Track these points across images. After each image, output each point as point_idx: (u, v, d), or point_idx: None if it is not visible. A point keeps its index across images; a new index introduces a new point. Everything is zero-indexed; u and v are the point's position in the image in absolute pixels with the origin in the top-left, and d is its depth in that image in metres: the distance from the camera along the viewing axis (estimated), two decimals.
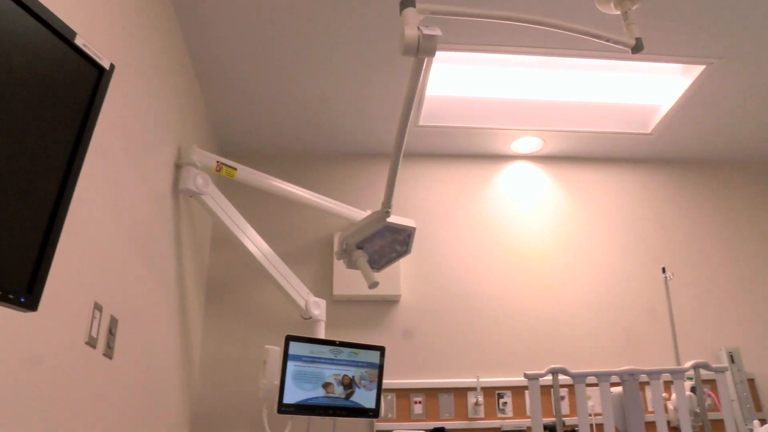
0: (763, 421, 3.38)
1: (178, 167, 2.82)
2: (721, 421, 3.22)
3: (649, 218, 3.92)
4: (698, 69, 3.22)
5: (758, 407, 3.52)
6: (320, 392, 2.88)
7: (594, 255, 3.78)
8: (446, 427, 3.23)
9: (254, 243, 3.01)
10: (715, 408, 3.42)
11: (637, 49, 2.50)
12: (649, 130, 3.72)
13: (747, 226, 3.98)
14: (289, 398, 2.79)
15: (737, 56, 3.12)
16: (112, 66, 1.26)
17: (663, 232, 3.89)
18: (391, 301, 3.54)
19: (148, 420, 2.41)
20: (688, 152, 4.02)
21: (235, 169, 3.02)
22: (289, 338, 2.84)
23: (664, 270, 3.63)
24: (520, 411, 3.37)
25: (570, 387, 3.39)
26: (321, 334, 3.11)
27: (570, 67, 3.28)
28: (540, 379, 3.00)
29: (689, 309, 3.73)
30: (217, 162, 2.97)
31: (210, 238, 3.55)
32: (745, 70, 3.24)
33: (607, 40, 2.46)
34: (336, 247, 2.99)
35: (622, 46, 2.49)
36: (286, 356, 2.82)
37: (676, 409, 3.18)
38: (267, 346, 2.91)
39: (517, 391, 3.40)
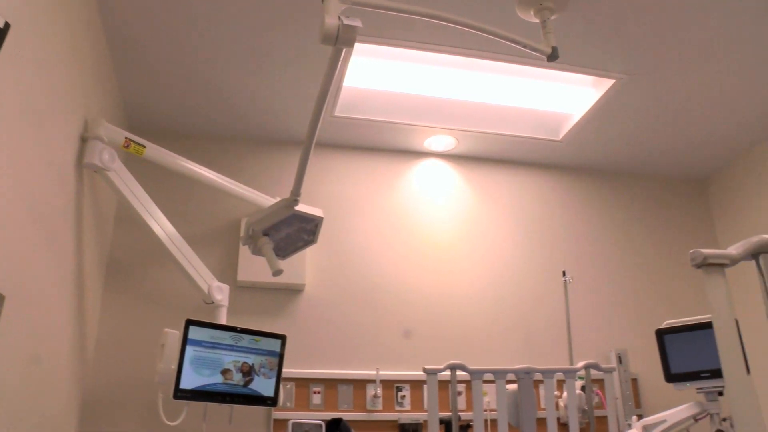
0: (640, 417, 3.55)
1: (83, 140, 2.70)
2: (606, 417, 3.37)
3: (553, 222, 4.04)
4: (608, 83, 3.33)
5: (638, 404, 3.71)
6: (218, 379, 2.83)
7: (498, 256, 3.87)
8: (344, 418, 3.24)
9: (159, 224, 2.93)
10: (601, 405, 3.57)
11: (553, 57, 2.56)
12: (560, 137, 3.83)
13: (643, 237, 4.17)
14: (186, 384, 2.74)
15: (644, 75, 3.25)
16: (6, 25, 1.19)
17: (566, 237, 4.03)
18: (295, 290, 3.52)
19: (32, 404, 2.31)
20: (594, 161, 4.16)
21: (144, 147, 2.93)
22: (189, 322, 2.78)
23: (564, 273, 3.76)
24: (417, 404, 3.42)
25: (467, 383, 3.46)
26: (223, 320, 3.05)
27: (488, 69, 3.34)
28: (438, 374, 3.06)
29: (585, 312, 3.87)
30: (126, 138, 2.87)
31: (114, 216, 3.43)
32: (650, 89, 3.37)
33: (525, 46, 2.52)
34: (242, 233, 2.94)
35: (538, 54, 2.55)
36: (185, 341, 2.76)
37: (566, 407, 3.31)
38: (166, 330, 2.84)
39: (416, 385, 3.45)
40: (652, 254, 4.14)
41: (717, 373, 3.00)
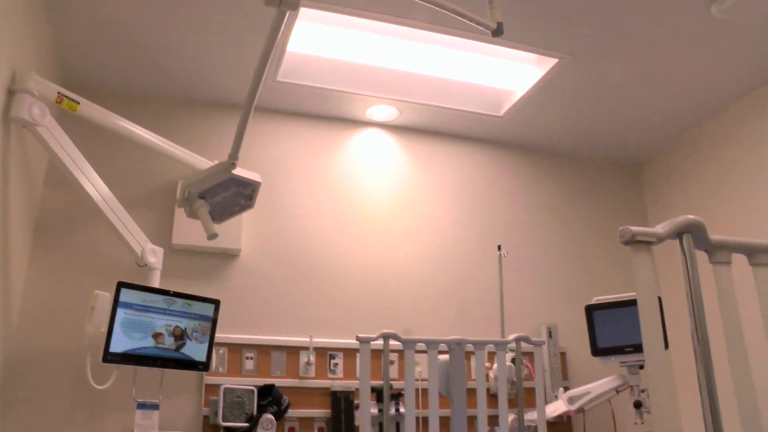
0: (566, 388, 3.67)
1: (10, 93, 2.59)
2: (534, 388, 3.46)
3: (491, 197, 4.10)
4: (551, 62, 3.37)
5: (565, 376, 3.83)
6: (149, 342, 2.80)
7: (436, 228, 3.91)
8: (276, 384, 3.25)
9: (92, 183, 2.85)
10: (530, 377, 3.66)
11: (497, 33, 2.57)
12: (501, 113, 3.87)
13: (578, 216, 4.27)
14: (116, 347, 2.70)
15: (586, 56, 3.30)
16: None
17: (503, 212, 4.09)
18: (230, 255, 3.48)
19: None
20: (534, 139, 4.22)
21: (78, 103, 2.83)
22: (121, 285, 2.73)
23: (499, 248, 3.82)
24: (350, 372, 3.45)
25: (400, 352, 3.50)
26: (156, 283, 3.01)
27: (433, 42, 3.33)
28: (371, 342, 3.08)
29: (518, 286, 3.95)
30: (58, 93, 2.77)
31: (44, 174, 3.32)
32: (591, 71, 3.43)
33: (470, 20, 2.52)
34: (178, 195, 2.90)
35: (483, 28, 2.56)
36: (116, 303, 2.72)
37: (496, 378, 3.38)
38: (96, 292, 2.78)
39: (349, 353, 3.47)
40: (585, 233, 4.24)
41: (639, 348, 3.11)
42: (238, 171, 2.79)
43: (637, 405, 3.13)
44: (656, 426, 1.22)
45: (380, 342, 3.11)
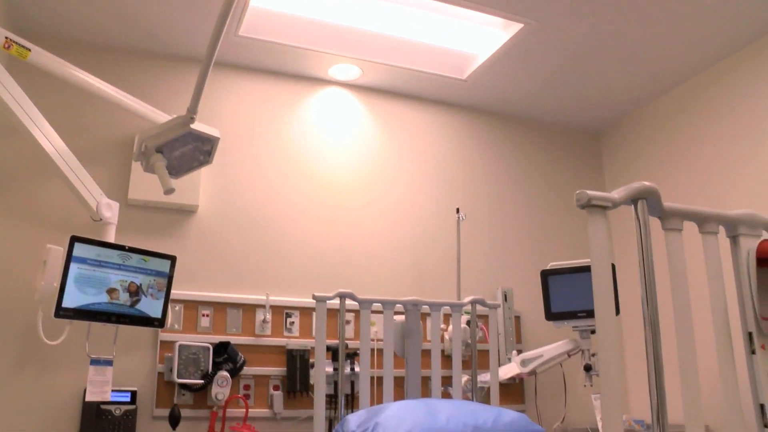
0: (519, 351, 3.74)
1: None
2: (488, 351, 3.52)
3: (452, 160, 4.11)
4: (517, 27, 3.36)
5: (518, 340, 3.90)
6: (104, 298, 2.76)
7: (395, 188, 3.90)
8: (232, 342, 3.25)
9: (45, 135, 2.77)
10: (484, 340, 3.72)
11: None
12: (464, 76, 3.85)
13: (537, 182, 4.31)
14: (69, 302, 2.65)
15: (552, 22, 3.29)
16: None
17: (463, 176, 4.10)
18: (187, 211, 3.44)
19: None
20: (497, 104, 4.23)
21: (29, 50, 2.74)
22: (74, 239, 2.68)
23: (458, 211, 3.84)
24: (306, 331, 3.46)
25: (356, 312, 3.52)
26: (111, 239, 2.96)
27: (398, 1, 3.30)
28: (328, 302, 3.09)
29: (475, 250, 3.99)
30: (6, 38, 2.67)
31: None
32: (556, 37, 3.43)
33: None
34: (135, 149, 2.84)
35: None
36: (69, 258, 2.66)
37: (451, 339, 3.43)
38: (48, 246, 2.73)
39: (305, 312, 3.48)
40: (543, 199, 4.29)
41: (592, 314, 3.18)
42: (197, 126, 2.74)
43: (587, 368, 3.21)
44: (603, 387, 1.25)
45: (336, 301, 3.13)
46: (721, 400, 1.46)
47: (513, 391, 3.83)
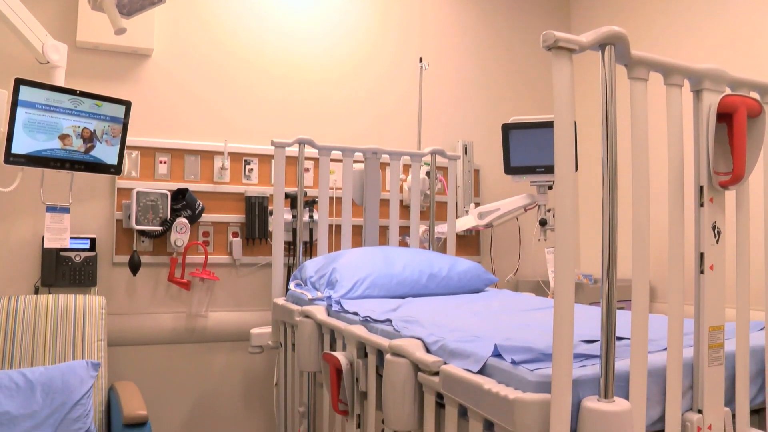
0: (477, 204, 3.81)
1: None
2: (446, 203, 3.58)
3: (416, 7, 3.95)
4: None
5: (477, 193, 3.95)
6: (56, 144, 2.68)
7: (357, 35, 3.77)
8: (190, 189, 3.22)
9: None
10: (443, 191, 3.76)
11: None
12: None
13: (504, 31, 4.18)
14: (19, 148, 2.58)
15: None
16: None
17: (426, 23, 3.97)
18: (141, 55, 3.29)
19: None
20: None
21: None
22: (19, 82, 2.55)
23: (421, 60, 3.75)
24: (265, 179, 3.45)
25: (315, 161, 3.51)
26: (60, 83, 2.84)
27: None
28: (287, 148, 3.07)
29: (437, 100, 3.94)
30: None
31: None
32: None
33: None
34: None
35: None
36: (15, 101, 2.55)
37: (409, 190, 3.46)
38: None
39: (264, 159, 3.45)
40: (508, 50, 4.19)
41: (550, 170, 3.22)
42: None
43: (543, 223, 3.29)
44: (558, 241, 1.27)
45: (296, 148, 3.11)
46: (666, 253, 1.50)
47: (469, 243, 3.92)
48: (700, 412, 1.50)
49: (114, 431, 2.62)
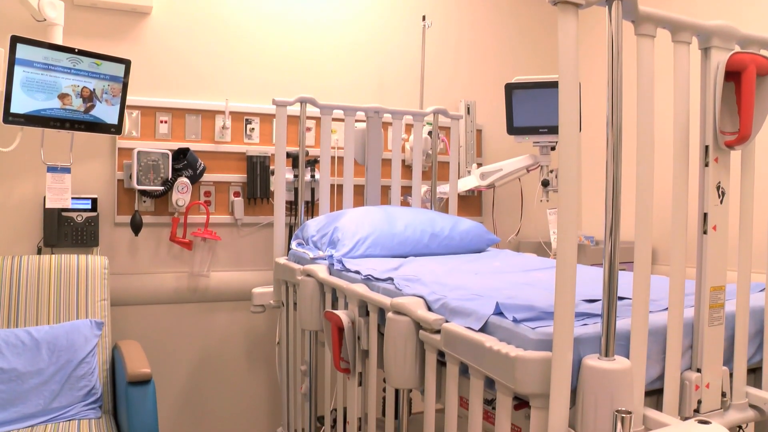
0: (480, 165, 3.80)
1: None
2: (448, 163, 3.56)
3: None
4: None
5: (479, 153, 3.93)
6: (56, 104, 2.66)
7: None
8: (192, 148, 3.21)
9: None
10: (445, 151, 3.74)
11: None
12: None
13: None
14: (18, 108, 2.55)
15: None
16: None
17: None
18: (140, 13, 3.25)
19: None
20: None
21: None
22: (16, 39, 2.51)
23: (424, 18, 3.70)
24: (266, 138, 3.43)
25: (317, 120, 3.48)
26: (58, 41, 2.81)
27: None
28: (288, 107, 3.05)
29: (440, 59, 3.90)
30: None
31: None
32: None
33: None
34: None
35: None
36: (12, 60, 2.52)
37: (412, 149, 3.44)
38: None
39: (265, 118, 3.42)
40: (511, 8, 4.12)
41: (554, 130, 3.19)
42: None
43: (545, 183, 3.27)
44: (561, 202, 1.27)
45: (297, 107, 3.08)
46: (669, 215, 1.50)
47: (471, 203, 3.92)
48: (698, 371, 1.51)
49: (118, 389, 2.65)
